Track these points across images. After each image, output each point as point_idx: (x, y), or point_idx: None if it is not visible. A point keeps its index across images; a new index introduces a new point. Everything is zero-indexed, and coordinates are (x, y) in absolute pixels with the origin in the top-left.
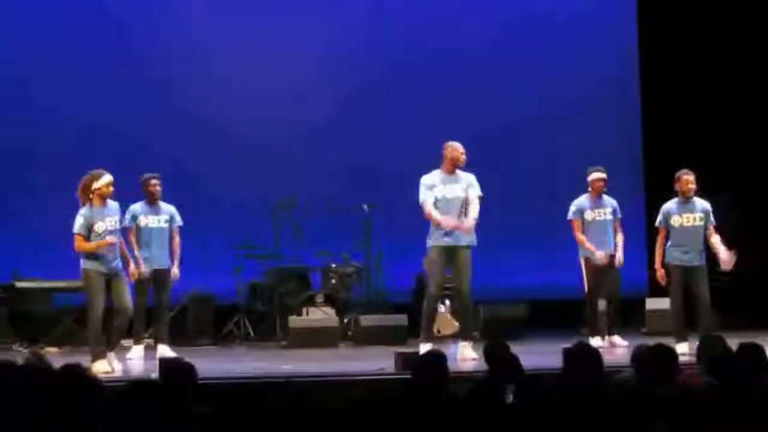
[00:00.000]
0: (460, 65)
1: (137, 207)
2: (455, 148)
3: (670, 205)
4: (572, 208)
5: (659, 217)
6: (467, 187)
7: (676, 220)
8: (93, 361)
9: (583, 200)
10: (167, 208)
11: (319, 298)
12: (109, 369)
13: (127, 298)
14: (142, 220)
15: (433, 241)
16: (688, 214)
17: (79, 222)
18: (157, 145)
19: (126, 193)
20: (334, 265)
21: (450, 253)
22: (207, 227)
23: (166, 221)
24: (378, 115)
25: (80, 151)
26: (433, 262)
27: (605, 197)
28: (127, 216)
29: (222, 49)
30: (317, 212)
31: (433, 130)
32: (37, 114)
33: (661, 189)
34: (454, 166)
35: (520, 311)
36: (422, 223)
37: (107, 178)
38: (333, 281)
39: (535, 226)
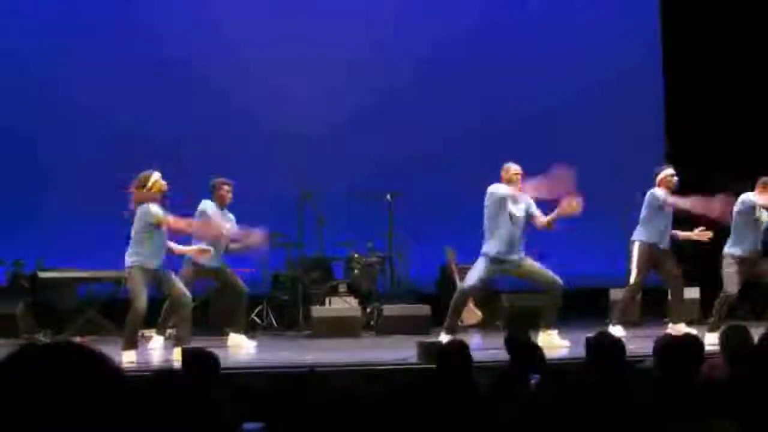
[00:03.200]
0: (481, 59)
1: (211, 205)
2: (508, 169)
3: (754, 198)
4: (664, 192)
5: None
6: (528, 209)
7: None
8: (123, 350)
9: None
10: (230, 216)
11: (342, 288)
12: (133, 360)
13: (180, 286)
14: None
15: (492, 252)
16: (765, 213)
17: (158, 211)
18: (183, 135)
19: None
20: (357, 255)
21: (506, 265)
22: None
23: (227, 230)
24: (403, 107)
25: (106, 143)
26: (485, 269)
27: None
28: (199, 210)
29: (252, 42)
30: (341, 202)
31: (457, 122)
32: (65, 108)
33: (683, 180)
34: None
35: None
36: (446, 213)
37: (156, 174)
38: (356, 271)
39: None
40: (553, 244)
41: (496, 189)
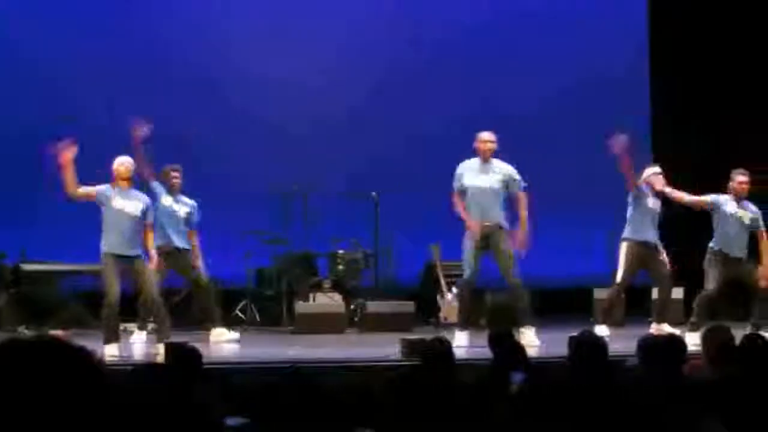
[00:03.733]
0: (470, 57)
1: (162, 189)
2: (479, 139)
3: (723, 197)
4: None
5: (708, 199)
6: (504, 179)
7: (731, 206)
8: (104, 343)
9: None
10: (186, 200)
11: (326, 284)
12: (116, 353)
13: (149, 287)
14: (165, 200)
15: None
16: (742, 211)
17: (99, 186)
18: (170, 128)
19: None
20: (341, 251)
21: (484, 233)
22: (217, 211)
23: (186, 213)
24: (394, 102)
25: (93, 133)
26: (467, 249)
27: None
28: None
29: (243, 35)
30: (328, 199)
31: (446, 119)
32: (50, 97)
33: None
34: (484, 156)
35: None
36: (432, 210)
37: (119, 158)
38: (340, 267)
39: (545, 213)
40: (542, 243)
41: (458, 167)
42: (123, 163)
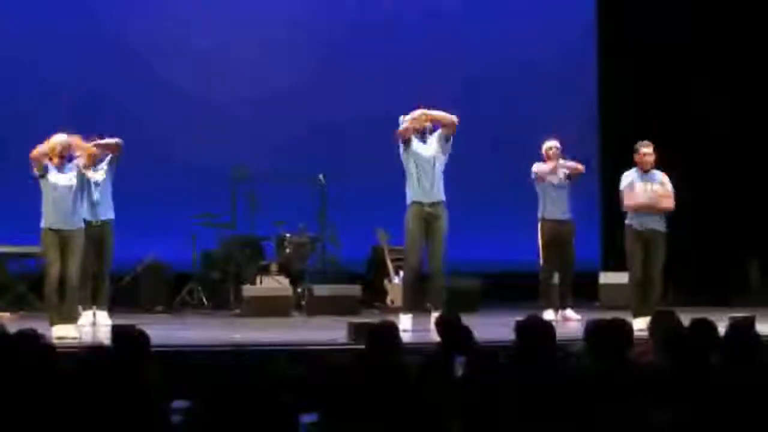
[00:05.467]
0: (420, 31)
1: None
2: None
3: (632, 173)
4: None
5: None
6: (438, 138)
7: (639, 187)
8: (50, 325)
9: (543, 166)
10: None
11: (273, 268)
12: (63, 334)
13: (69, 264)
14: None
15: (408, 198)
16: (649, 184)
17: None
18: (117, 108)
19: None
20: (288, 235)
21: (427, 210)
22: (164, 194)
23: (102, 177)
24: (339, 84)
25: (36, 110)
26: (408, 229)
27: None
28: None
29: (180, 7)
30: (274, 181)
31: (393, 100)
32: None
33: (616, 161)
34: (422, 134)
35: (474, 285)
36: (379, 195)
37: (54, 137)
38: (287, 251)
39: (491, 197)
40: (492, 227)
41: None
42: (55, 143)
